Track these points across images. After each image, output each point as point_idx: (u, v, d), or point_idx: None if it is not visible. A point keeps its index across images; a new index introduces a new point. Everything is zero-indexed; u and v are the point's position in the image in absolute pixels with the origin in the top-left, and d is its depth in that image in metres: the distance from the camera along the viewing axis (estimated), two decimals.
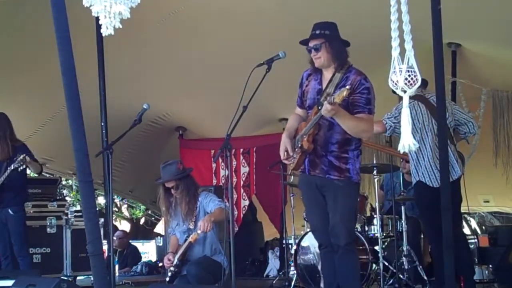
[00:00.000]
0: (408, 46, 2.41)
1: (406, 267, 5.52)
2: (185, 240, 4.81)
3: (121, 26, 2.80)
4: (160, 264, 9.15)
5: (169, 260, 4.84)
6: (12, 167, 5.50)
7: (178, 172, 4.88)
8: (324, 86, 3.85)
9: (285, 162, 3.97)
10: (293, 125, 4.01)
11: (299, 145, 3.83)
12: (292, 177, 6.55)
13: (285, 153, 3.88)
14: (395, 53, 2.39)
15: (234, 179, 8.35)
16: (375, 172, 5.66)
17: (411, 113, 4.45)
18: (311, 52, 3.84)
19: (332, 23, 3.87)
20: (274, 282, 6.86)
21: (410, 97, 4.50)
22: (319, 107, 3.69)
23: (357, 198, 4.01)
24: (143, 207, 14.43)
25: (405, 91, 2.42)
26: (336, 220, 3.76)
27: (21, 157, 5.47)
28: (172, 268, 4.77)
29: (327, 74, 3.86)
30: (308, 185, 3.92)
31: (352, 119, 3.69)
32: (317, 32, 3.81)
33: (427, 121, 4.69)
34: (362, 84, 3.73)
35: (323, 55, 3.80)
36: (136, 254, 10.09)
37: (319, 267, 5.39)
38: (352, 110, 3.72)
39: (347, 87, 3.53)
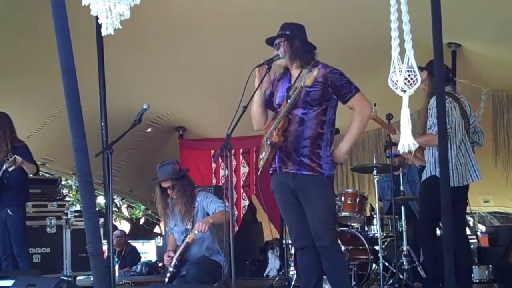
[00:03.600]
0: (408, 46, 2.40)
1: (406, 267, 5.52)
2: (183, 240, 4.81)
3: (120, 27, 2.80)
4: (160, 264, 9.16)
5: (169, 257, 4.85)
6: (4, 167, 5.50)
7: (174, 172, 4.88)
8: (292, 83, 3.87)
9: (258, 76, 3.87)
10: None
11: (268, 142, 3.78)
12: None
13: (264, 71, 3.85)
14: (395, 53, 2.39)
15: (234, 179, 8.36)
16: (375, 172, 5.66)
17: (447, 109, 4.45)
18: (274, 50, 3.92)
19: (299, 25, 3.94)
20: (274, 282, 6.86)
21: (447, 94, 4.53)
22: (288, 100, 3.73)
23: (332, 195, 3.95)
24: (143, 207, 14.44)
25: (404, 91, 2.41)
26: (316, 222, 3.71)
27: (12, 158, 5.45)
28: (171, 269, 4.77)
29: (295, 73, 3.88)
30: (281, 188, 3.84)
31: (355, 133, 3.77)
32: (280, 32, 3.92)
33: (458, 120, 4.61)
34: (335, 73, 3.75)
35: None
36: (135, 254, 10.10)
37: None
38: (342, 98, 3.74)
39: (315, 70, 3.57)
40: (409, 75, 2.38)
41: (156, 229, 14.71)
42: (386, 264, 5.51)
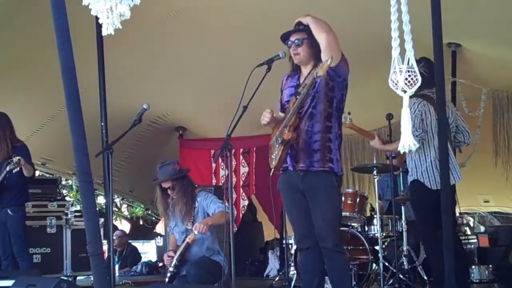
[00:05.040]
0: (408, 46, 2.40)
1: (406, 267, 5.52)
2: (183, 240, 4.81)
3: (121, 27, 2.80)
4: (160, 264, 9.15)
5: (169, 256, 4.85)
6: (7, 168, 5.49)
7: (174, 172, 4.88)
8: (302, 81, 3.80)
9: (265, 120, 3.75)
10: None
11: (279, 140, 3.73)
12: None
13: (270, 114, 3.72)
14: (395, 53, 2.39)
15: (234, 179, 8.35)
16: (375, 172, 5.65)
17: (421, 113, 4.43)
18: (291, 47, 3.78)
19: None
20: (274, 282, 6.86)
21: (420, 97, 4.51)
22: (297, 96, 3.65)
23: (339, 198, 3.94)
24: (143, 206, 14.44)
25: (405, 91, 2.41)
26: (321, 223, 3.68)
27: (16, 159, 5.44)
28: (171, 269, 4.77)
29: (305, 72, 3.81)
30: (289, 188, 3.81)
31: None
32: (301, 27, 3.76)
33: (434, 123, 4.57)
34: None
35: (303, 51, 3.75)
36: (136, 254, 10.09)
37: None
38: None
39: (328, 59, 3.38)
40: (409, 75, 2.38)
41: (157, 229, 14.70)
42: (386, 264, 5.51)
